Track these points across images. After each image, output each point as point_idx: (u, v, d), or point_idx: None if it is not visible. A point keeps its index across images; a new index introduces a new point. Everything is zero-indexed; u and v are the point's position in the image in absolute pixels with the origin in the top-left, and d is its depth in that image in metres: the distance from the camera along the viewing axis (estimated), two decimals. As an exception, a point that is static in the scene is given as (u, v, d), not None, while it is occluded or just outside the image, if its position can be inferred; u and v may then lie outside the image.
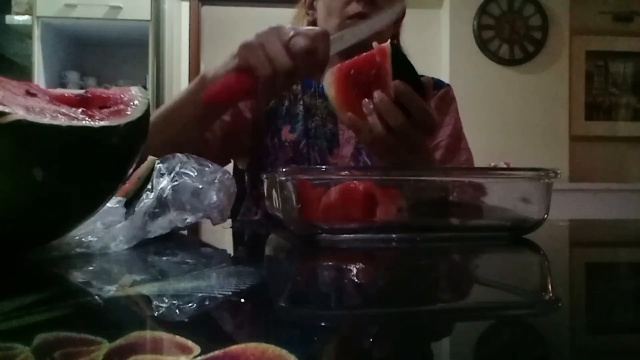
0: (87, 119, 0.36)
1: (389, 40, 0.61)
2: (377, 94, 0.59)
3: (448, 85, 1.03)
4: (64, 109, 0.36)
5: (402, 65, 0.60)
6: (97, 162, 0.37)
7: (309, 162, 0.90)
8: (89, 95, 0.40)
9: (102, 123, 0.36)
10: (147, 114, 0.41)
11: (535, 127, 3.06)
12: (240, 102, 0.90)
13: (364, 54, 0.62)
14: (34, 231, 0.37)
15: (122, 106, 0.39)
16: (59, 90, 0.41)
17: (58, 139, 0.33)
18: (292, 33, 0.62)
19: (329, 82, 0.62)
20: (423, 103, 0.60)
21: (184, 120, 0.75)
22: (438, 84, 1.03)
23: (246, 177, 0.99)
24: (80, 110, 0.37)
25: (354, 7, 0.86)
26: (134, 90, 0.43)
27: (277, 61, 0.62)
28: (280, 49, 0.61)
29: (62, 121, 0.34)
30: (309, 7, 0.98)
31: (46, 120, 0.33)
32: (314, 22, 0.97)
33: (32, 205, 0.34)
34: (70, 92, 0.40)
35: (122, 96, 0.41)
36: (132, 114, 0.39)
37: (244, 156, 0.97)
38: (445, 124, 0.95)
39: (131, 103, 0.40)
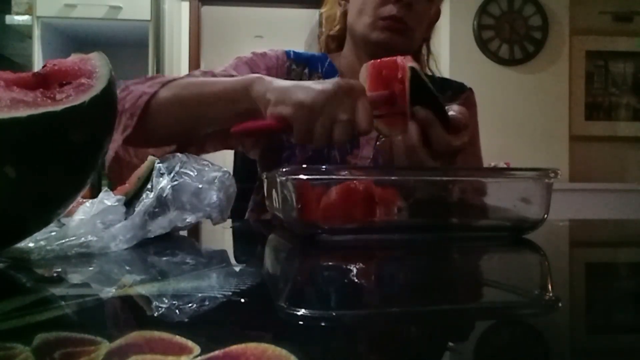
0: (48, 101, 0.34)
1: (409, 63, 0.59)
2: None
3: (470, 89, 1.02)
4: (22, 95, 0.33)
5: (420, 89, 0.58)
6: (69, 145, 0.35)
7: (329, 161, 0.87)
8: (47, 72, 0.38)
9: (65, 105, 0.34)
10: (111, 83, 0.38)
11: (535, 127, 3.06)
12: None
13: (392, 58, 0.60)
14: (12, 228, 0.36)
15: (83, 79, 0.37)
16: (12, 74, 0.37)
17: (21, 132, 0.32)
18: (345, 117, 0.57)
19: (364, 77, 0.62)
20: (442, 133, 0.59)
21: (208, 113, 0.70)
22: (460, 88, 1.02)
23: (258, 169, 0.95)
24: (39, 92, 0.34)
25: (389, 9, 0.84)
26: (93, 57, 0.40)
27: (316, 139, 0.58)
28: (327, 131, 0.58)
29: (22, 111, 0.32)
30: None
31: (4, 114, 0.31)
32: (344, 14, 0.95)
33: (9, 203, 0.34)
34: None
35: (82, 67, 0.38)
36: (95, 86, 0.37)
37: (254, 146, 0.93)
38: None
39: (92, 74, 0.38)
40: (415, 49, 0.98)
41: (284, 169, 0.49)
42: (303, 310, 0.26)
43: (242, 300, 0.27)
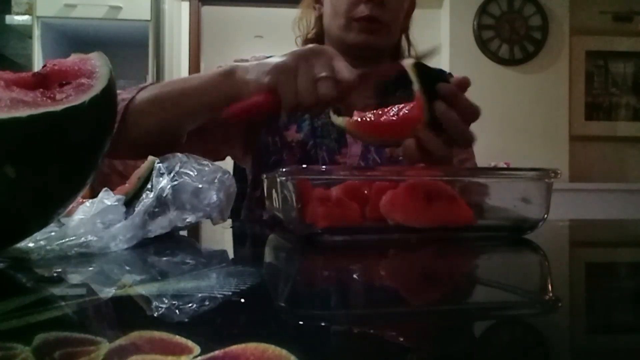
0: (48, 101, 0.34)
1: (412, 64, 0.56)
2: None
3: (450, 74, 1.01)
4: (22, 95, 0.34)
5: (429, 78, 0.57)
6: (69, 145, 0.35)
7: (317, 162, 0.87)
8: (47, 72, 0.38)
9: (65, 105, 0.34)
10: (111, 82, 0.39)
11: (535, 127, 3.06)
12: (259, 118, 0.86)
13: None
14: (12, 228, 0.36)
15: (83, 79, 0.37)
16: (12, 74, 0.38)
17: (21, 131, 0.32)
18: (324, 74, 0.60)
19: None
20: (461, 123, 0.56)
21: (193, 105, 0.69)
22: (439, 74, 1.01)
23: (249, 178, 0.96)
24: (39, 92, 0.35)
25: (362, 10, 0.84)
26: (93, 57, 0.40)
27: (303, 98, 0.60)
28: (310, 87, 0.60)
29: (22, 111, 0.32)
30: (315, 1, 0.96)
31: (4, 114, 0.31)
32: (320, 17, 0.95)
33: (9, 203, 0.34)
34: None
35: (82, 67, 0.39)
36: (95, 86, 0.37)
37: (243, 153, 0.94)
38: None
39: (92, 73, 0.38)
40: (393, 44, 0.97)
41: (284, 169, 0.49)
42: (303, 310, 0.26)
43: (242, 300, 0.27)
